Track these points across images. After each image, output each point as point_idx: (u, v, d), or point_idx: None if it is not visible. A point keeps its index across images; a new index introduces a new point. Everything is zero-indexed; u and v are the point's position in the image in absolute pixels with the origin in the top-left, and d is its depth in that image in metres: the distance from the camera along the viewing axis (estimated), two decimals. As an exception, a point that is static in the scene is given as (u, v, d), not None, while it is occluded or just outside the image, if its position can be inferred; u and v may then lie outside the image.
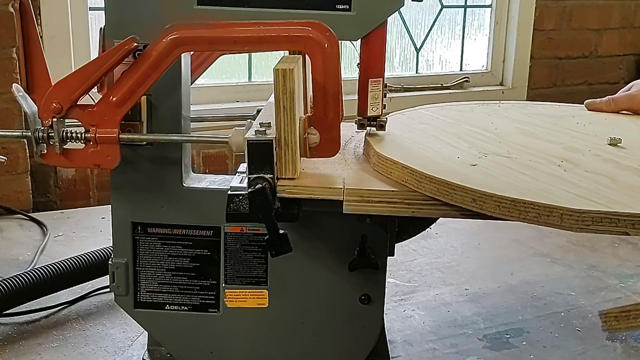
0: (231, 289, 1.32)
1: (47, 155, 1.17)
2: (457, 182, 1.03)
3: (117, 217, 1.30)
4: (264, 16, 1.16)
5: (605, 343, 1.61)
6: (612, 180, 1.08)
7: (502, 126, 1.39)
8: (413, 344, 1.58)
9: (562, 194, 1.01)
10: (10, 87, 1.22)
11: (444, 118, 1.45)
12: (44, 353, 1.50)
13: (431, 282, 1.90)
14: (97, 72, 1.13)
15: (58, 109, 1.14)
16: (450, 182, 1.04)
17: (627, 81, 3.42)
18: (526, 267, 2.00)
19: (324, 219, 1.27)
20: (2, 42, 2.21)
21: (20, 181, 2.33)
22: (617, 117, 1.53)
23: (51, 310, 1.66)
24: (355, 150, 1.32)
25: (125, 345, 1.54)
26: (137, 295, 1.33)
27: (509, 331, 1.64)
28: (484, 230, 2.21)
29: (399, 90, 3.00)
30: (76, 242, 2.08)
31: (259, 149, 1.07)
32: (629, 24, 3.38)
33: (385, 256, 1.31)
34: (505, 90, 3.22)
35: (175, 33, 1.13)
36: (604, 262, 2.05)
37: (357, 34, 1.20)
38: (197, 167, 2.62)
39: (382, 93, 1.25)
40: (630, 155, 1.22)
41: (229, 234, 1.30)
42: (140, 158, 1.26)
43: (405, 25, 3.06)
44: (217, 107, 2.61)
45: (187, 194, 1.28)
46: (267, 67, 2.79)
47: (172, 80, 1.22)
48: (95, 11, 2.42)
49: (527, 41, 3.19)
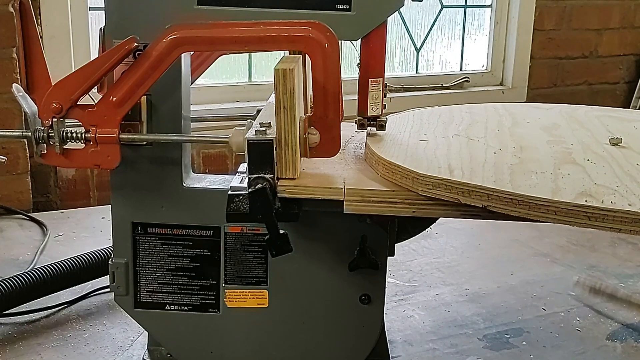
0: (231, 289, 1.32)
1: (47, 155, 1.18)
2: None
3: (117, 217, 1.30)
4: (264, 16, 1.16)
5: (605, 343, 1.61)
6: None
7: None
8: (413, 344, 1.58)
9: (545, 188, 1.01)
10: (10, 87, 1.22)
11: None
12: (44, 353, 1.50)
13: (431, 282, 1.90)
14: (97, 72, 1.13)
15: (58, 109, 1.14)
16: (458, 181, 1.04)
17: (627, 81, 3.44)
18: (526, 267, 2.00)
19: (324, 219, 1.27)
20: (2, 42, 2.21)
21: (20, 181, 2.33)
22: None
23: (51, 310, 1.66)
24: (355, 150, 1.32)
25: (125, 345, 1.54)
26: (137, 295, 1.33)
27: (509, 331, 1.64)
28: (484, 230, 2.21)
29: (399, 90, 3.00)
30: (76, 242, 2.08)
31: (259, 149, 1.07)
32: (629, 24, 3.39)
33: (385, 256, 1.31)
34: (505, 90, 3.22)
35: (175, 33, 1.13)
36: (604, 262, 2.05)
37: (357, 34, 1.20)
38: (197, 167, 2.62)
39: (382, 93, 1.25)
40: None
41: (229, 234, 1.30)
42: (140, 158, 1.26)
43: (405, 25, 3.06)
44: (217, 107, 2.61)
45: (187, 194, 1.28)
46: (267, 67, 2.79)
47: (172, 80, 1.22)
48: (95, 11, 2.42)
49: (527, 41, 3.19)
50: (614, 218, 0.95)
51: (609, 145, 1.27)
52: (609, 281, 1.89)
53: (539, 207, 0.98)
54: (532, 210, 0.98)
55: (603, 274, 1.96)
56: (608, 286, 1.80)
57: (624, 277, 1.94)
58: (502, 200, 1.00)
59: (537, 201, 0.98)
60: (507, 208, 1.00)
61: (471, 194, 1.03)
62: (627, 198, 0.99)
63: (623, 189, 1.03)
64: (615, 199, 0.99)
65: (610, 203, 0.97)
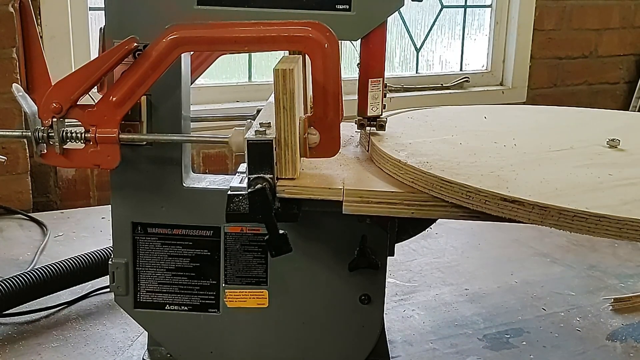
0: (231, 289, 1.32)
1: (47, 155, 1.18)
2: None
3: (117, 217, 1.30)
4: (264, 16, 1.16)
5: (605, 343, 1.61)
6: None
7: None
8: (413, 344, 1.58)
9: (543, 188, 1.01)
10: (10, 87, 1.22)
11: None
12: (44, 353, 1.50)
13: (431, 282, 1.90)
14: (97, 72, 1.13)
15: (58, 109, 1.14)
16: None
17: (627, 81, 3.44)
18: (526, 267, 2.00)
19: (324, 219, 1.27)
20: (2, 42, 2.21)
21: (20, 181, 2.33)
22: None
23: (51, 310, 1.66)
24: (355, 150, 1.32)
25: (125, 345, 1.54)
26: (137, 295, 1.33)
27: (509, 331, 1.64)
28: (484, 230, 2.21)
29: (399, 90, 3.00)
30: (76, 242, 2.08)
31: (259, 149, 1.07)
32: (629, 24, 3.38)
33: (385, 256, 1.31)
34: (505, 90, 3.22)
35: (175, 33, 1.13)
36: (604, 262, 2.05)
37: (357, 34, 1.20)
38: (197, 167, 2.62)
39: (382, 93, 1.25)
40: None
41: (229, 234, 1.30)
42: (140, 158, 1.26)
43: (405, 25, 3.06)
44: (217, 107, 2.61)
45: (187, 194, 1.28)
46: (267, 67, 2.79)
47: (172, 80, 1.22)
48: (95, 11, 2.42)
49: (527, 41, 3.19)
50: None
51: (607, 147, 1.28)
52: (608, 281, 1.89)
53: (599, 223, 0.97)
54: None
55: (603, 274, 1.96)
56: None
57: (624, 277, 1.94)
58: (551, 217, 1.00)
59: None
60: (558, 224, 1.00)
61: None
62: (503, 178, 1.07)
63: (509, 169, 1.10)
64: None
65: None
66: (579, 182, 1.07)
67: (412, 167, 1.10)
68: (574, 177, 1.09)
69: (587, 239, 2.17)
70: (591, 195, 1.02)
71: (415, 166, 1.10)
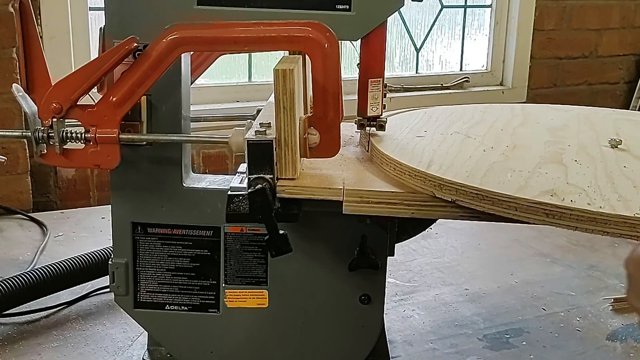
0: (231, 289, 1.32)
1: (47, 155, 1.17)
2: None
3: (117, 217, 1.30)
4: (264, 16, 1.16)
5: (605, 343, 1.61)
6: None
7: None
8: (413, 344, 1.58)
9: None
10: (10, 87, 1.22)
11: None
12: (44, 353, 1.50)
13: (431, 282, 1.90)
14: (97, 72, 1.13)
15: (58, 109, 1.14)
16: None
17: (627, 81, 3.44)
18: (526, 267, 2.00)
19: (324, 219, 1.27)
20: (2, 42, 2.21)
21: (20, 181, 2.33)
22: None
23: (51, 310, 1.66)
24: (355, 150, 1.32)
25: (125, 345, 1.54)
26: (137, 295, 1.33)
27: (509, 331, 1.64)
28: (484, 230, 2.21)
29: (399, 90, 3.00)
30: (76, 242, 2.08)
31: (259, 149, 1.07)
32: (629, 24, 3.38)
33: (385, 256, 1.31)
34: (505, 90, 3.22)
35: (175, 33, 1.13)
36: (604, 262, 2.05)
37: (357, 34, 1.20)
38: (197, 167, 2.62)
39: (382, 93, 1.25)
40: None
41: (229, 234, 1.30)
42: (140, 158, 1.26)
43: (405, 25, 3.06)
44: (217, 107, 2.61)
45: (187, 194, 1.28)
46: (267, 67, 2.79)
47: (172, 80, 1.22)
48: (95, 11, 2.42)
49: (527, 41, 3.19)
50: (570, 216, 0.96)
51: (608, 147, 1.27)
52: (608, 281, 1.89)
53: (501, 202, 0.99)
54: (495, 206, 1.00)
55: (603, 274, 1.96)
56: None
57: (624, 277, 1.93)
58: (469, 195, 1.02)
59: (500, 197, 0.99)
60: (474, 203, 1.02)
61: (442, 188, 1.05)
62: (591, 197, 0.99)
63: (593, 189, 1.03)
64: (579, 198, 0.99)
65: (570, 201, 0.97)
66: (581, 182, 1.07)
67: (412, 167, 1.10)
68: (580, 177, 1.09)
69: (587, 239, 2.17)
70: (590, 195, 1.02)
71: (415, 166, 1.10)
